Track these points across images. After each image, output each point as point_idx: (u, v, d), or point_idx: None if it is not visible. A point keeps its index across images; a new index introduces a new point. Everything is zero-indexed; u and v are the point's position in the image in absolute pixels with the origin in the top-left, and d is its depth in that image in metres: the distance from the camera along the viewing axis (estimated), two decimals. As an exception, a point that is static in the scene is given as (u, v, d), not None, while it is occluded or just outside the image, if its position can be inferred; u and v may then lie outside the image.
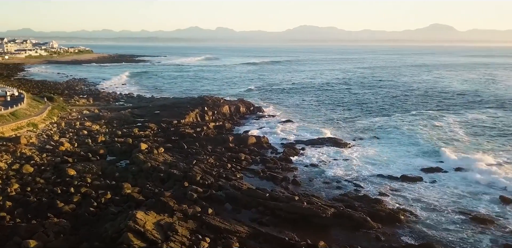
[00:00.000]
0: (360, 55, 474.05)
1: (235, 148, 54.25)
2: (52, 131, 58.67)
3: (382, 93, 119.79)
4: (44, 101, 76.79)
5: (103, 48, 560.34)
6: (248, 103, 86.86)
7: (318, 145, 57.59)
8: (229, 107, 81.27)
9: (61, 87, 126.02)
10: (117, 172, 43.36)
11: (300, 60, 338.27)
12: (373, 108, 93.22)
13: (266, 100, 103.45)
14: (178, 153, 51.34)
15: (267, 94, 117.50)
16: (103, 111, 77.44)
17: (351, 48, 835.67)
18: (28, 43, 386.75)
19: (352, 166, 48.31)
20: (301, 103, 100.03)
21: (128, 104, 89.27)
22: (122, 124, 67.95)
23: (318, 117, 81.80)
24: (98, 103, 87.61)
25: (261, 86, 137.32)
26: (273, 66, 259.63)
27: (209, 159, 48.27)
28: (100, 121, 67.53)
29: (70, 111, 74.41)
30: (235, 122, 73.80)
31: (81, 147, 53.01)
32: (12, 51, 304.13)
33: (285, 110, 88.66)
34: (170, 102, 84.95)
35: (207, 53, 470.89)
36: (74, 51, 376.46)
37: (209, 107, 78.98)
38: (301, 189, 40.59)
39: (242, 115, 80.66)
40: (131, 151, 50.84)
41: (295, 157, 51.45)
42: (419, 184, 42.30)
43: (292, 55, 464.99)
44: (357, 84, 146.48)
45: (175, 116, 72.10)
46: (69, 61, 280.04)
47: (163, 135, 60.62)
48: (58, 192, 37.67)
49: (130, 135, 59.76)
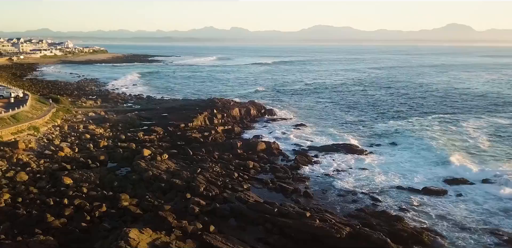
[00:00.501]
0: (375, 55, 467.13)
1: (243, 154, 51.06)
2: (54, 135, 56.28)
3: (398, 95, 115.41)
4: (49, 103, 74.70)
5: (119, 48, 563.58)
6: (259, 106, 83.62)
7: (332, 151, 54.04)
8: (239, 110, 78.11)
9: (71, 87, 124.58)
10: (116, 181, 40.53)
11: (315, 60, 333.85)
12: (389, 111, 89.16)
13: (278, 102, 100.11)
14: (182, 159, 48.37)
15: (279, 95, 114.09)
16: (109, 113, 75.03)
17: (367, 48, 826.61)
18: (43, 43, 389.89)
19: (369, 176, 44.67)
20: (314, 105, 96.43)
21: (136, 106, 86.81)
22: (128, 127, 65.34)
23: (332, 120, 78.15)
24: (105, 105, 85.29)
25: (273, 87, 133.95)
26: (287, 66, 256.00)
27: (215, 167, 45.17)
28: (105, 125, 65.04)
29: (75, 114, 72.13)
30: (245, 126, 70.63)
31: (82, 152, 50.45)
32: (28, 51, 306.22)
33: (298, 113, 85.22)
34: (179, 105, 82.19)
35: (220, 53, 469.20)
36: (88, 51, 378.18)
37: (219, 110, 75.95)
38: (313, 202, 37.18)
39: (252, 118, 77.45)
40: (133, 157, 48.11)
41: (308, 166, 47.99)
42: (444, 198, 38.52)
43: (307, 55, 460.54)
44: (373, 85, 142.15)
45: (183, 119, 69.28)
46: (83, 61, 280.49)
47: (169, 140, 57.78)
48: (51, 204, 34.99)
49: (135, 139, 57.06)
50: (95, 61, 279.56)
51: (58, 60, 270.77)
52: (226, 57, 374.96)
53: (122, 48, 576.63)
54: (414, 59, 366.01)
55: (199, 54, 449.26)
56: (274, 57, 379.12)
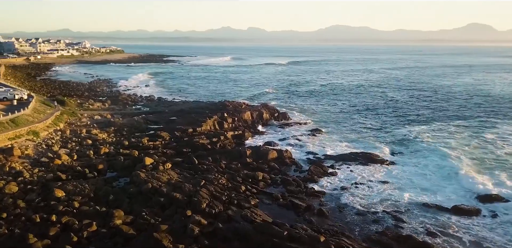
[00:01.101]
0: (394, 55, 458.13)
1: (252, 163, 47.16)
2: (54, 140, 53.27)
3: (419, 98, 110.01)
4: (54, 106, 71.99)
5: (136, 48, 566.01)
6: (273, 109, 79.53)
7: (350, 161, 49.72)
8: (251, 113, 74.23)
9: (83, 88, 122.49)
10: (112, 194, 37.03)
11: (331, 61, 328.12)
12: (410, 115, 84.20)
13: (293, 105, 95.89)
14: (187, 169, 44.69)
15: (294, 98, 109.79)
16: (116, 116, 72.00)
17: (385, 49, 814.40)
18: (61, 43, 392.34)
19: (391, 191, 40.26)
20: (331, 108, 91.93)
21: (145, 109, 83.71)
22: (133, 131, 62.10)
23: (349, 125, 73.61)
24: (113, 107, 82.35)
25: (288, 89, 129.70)
26: (303, 66, 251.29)
27: (221, 178, 41.33)
28: (109, 129, 61.87)
29: (80, 117, 69.26)
30: (257, 131, 66.71)
31: (81, 159, 47.26)
32: (45, 51, 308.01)
33: (313, 117, 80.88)
34: (188, 107, 78.72)
35: (236, 54, 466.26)
36: (105, 51, 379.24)
37: (229, 113, 72.17)
38: (329, 223, 33.03)
39: (265, 122, 73.48)
40: (134, 166, 44.69)
41: (323, 178, 43.78)
42: (477, 219, 33.95)
43: (323, 55, 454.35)
44: (392, 87, 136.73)
45: (192, 123, 65.76)
46: (99, 61, 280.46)
47: (175, 146, 54.23)
48: (37, 221, 31.67)
49: (138, 145, 53.69)
50: (111, 61, 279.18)
51: (74, 60, 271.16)
52: (241, 58, 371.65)
53: (140, 48, 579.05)
54: (434, 59, 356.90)
55: (215, 54, 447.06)
56: (290, 57, 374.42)
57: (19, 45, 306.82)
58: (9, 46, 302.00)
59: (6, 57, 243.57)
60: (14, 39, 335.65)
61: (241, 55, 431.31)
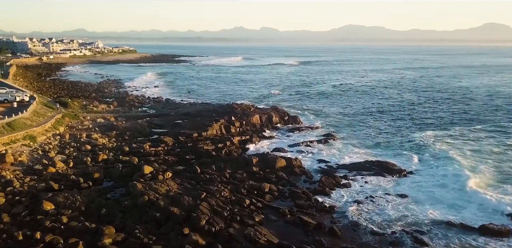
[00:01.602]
0: (409, 55, 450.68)
1: (259, 173, 43.88)
2: (51, 146, 50.70)
3: (437, 100, 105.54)
4: (56, 108, 69.67)
5: (149, 48, 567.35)
6: (282, 112, 76.09)
7: (365, 170, 46.08)
8: (260, 116, 70.94)
9: (91, 89, 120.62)
10: (105, 208, 34.08)
11: (345, 61, 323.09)
12: (428, 119, 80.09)
13: (304, 107, 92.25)
14: (188, 179, 41.58)
15: (305, 100, 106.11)
16: (120, 119, 69.41)
17: (400, 49, 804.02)
18: (74, 43, 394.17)
19: (410, 206, 36.56)
20: (344, 111, 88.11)
21: (151, 111, 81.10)
22: (136, 136, 59.31)
23: (364, 130, 69.76)
24: (118, 109, 79.75)
25: (300, 90, 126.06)
26: (316, 67, 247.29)
27: (224, 190, 38.10)
28: (111, 133, 59.18)
29: (83, 120, 66.78)
30: (265, 136, 63.37)
31: (77, 167, 44.52)
32: (58, 51, 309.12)
33: (325, 121, 77.25)
34: (195, 110, 75.73)
35: (248, 54, 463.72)
36: (118, 51, 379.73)
37: (237, 117, 69.02)
38: (341, 244, 29.58)
39: (274, 126, 70.12)
40: (133, 175, 41.78)
41: (335, 189, 40.27)
42: (509, 242, 30.19)
43: (337, 55, 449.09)
44: (408, 88, 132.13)
45: (197, 127, 62.74)
46: (111, 61, 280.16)
47: (177, 153, 51.28)
48: (19, 238, 28.86)
49: (139, 152, 50.83)
50: (123, 61, 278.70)
51: (86, 60, 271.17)
52: (253, 58, 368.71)
53: (152, 48, 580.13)
54: (450, 60, 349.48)
55: (227, 54, 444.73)
56: (302, 58, 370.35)
57: (32, 45, 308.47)
58: (23, 46, 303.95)
59: (20, 57, 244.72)
60: (27, 39, 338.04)
61: (253, 55, 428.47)
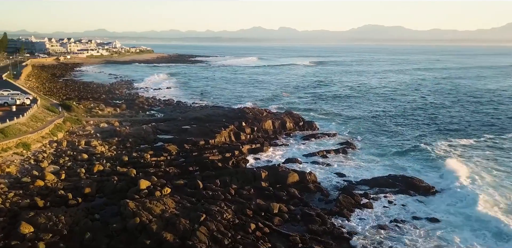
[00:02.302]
0: (430, 56, 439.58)
1: (268, 189, 39.13)
2: (45, 154, 46.94)
3: (462, 104, 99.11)
4: (58, 112, 66.22)
5: (166, 48, 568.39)
6: (297, 117, 71.10)
7: (388, 187, 40.89)
8: (272, 122, 66.18)
9: (101, 90, 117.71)
10: (90, 231, 29.85)
11: (364, 61, 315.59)
12: (455, 125, 74.19)
13: (321, 112, 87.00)
14: (189, 195, 37.14)
15: (322, 103, 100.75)
16: (124, 124, 65.56)
17: (420, 49, 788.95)
18: (92, 43, 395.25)
19: (443, 234, 31.35)
20: (364, 116, 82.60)
21: (159, 115, 77.24)
22: (139, 143, 55.29)
23: (385, 137, 64.21)
24: (124, 113, 75.96)
25: (316, 93, 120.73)
26: (334, 67, 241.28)
27: (228, 210, 33.49)
28: (113, 140, 55.27)
29: (85, 125, 63.10)
30: (278, 143, 58.55)
31: (69, 179, 40.56)
32: (75, 51, 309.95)
33: (343, 126, 72.00)
34: (205, 114, 71.36)
35: (266, 54, 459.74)
36: (135, 51, 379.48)
37: (248, 122, 64.39)
38: (362, 285, 24.71)
39: (288, 132, 65.24)
40: (128, 190, 37.59)
41: (354, 211, 35.23)
42: None
43: (355, 55, 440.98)
44: (431, 91, 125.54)
45: (205, 134, 58.38)
46: (128, 61, 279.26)
47: (181, 163, 46.97)
48: (-16, 271, 24.86)
49: (139, 162, 46.69)
50: (139, 61, 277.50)
51: (103, 60, 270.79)
52: (270, 58, 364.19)
53: (170, 48, 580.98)
54: (473, 60, 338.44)
55: (244, 54, 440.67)
56: (320, 58, 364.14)
57: (50, 45, 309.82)
58: (41, 46, 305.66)
59: (37, 57, 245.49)
60: (46, 39, 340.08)
61: (270, 55, 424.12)
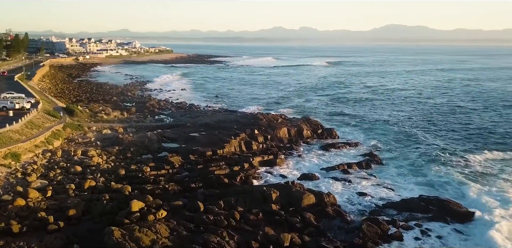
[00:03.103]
0: (455, 56, 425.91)
1: (279, 213, 33.73)
2: (35, 166, 42.67)
3: (496, 109, 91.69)
4: (60, 117, 62.21)
5: (186, 48, 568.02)
6: (315, 124, 65.34)
7: (420, 211, 34.96)
8: (288, 130, 60.69)
9: (114, 91, 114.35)
10: (63, 268, 25.14)
11: (387, 62, 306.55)
12: (489, 134, 67.33)
13: (342, 117, 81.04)
14: (187, 219, 32.05)
15: (343, 107, 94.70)
16: (129, 130, 61.15)
17: (445, 49, 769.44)
18: (112, 43, 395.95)
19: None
20: (388, 122, 76.29)
21: (169, 120, 72.85)
22: (141, 152, 50.68)
23: (413, 148, 57.76)
24: (129, 119, 71.31)
25: (337, 95, 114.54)
26: (355, 68, 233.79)
27: (229, 242, 28.29)
28: (112, 149, 50.77)
29: (86, 131, 58.87)
30: (293, 154, 53.07)
31: (55, 197, 36.03)
32: (94, 51, 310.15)
33: (366, 134, 65.94)
34: (215, 121, 66.29)
35: (286, 54, 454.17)
36: (154, 51, 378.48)
37: (261, 130, 59.09)
38: None
39: (305, 141, 59.67)
40: (118, 212, 32.80)
41: (382, 245, 29.58)
42: None
43: (378, 56, 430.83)
44: (459, 94, 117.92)
45: (213, 143, 53.37)
46: (146, 61, 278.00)
47: (183, 178, 42.00)
48: None
49: (136, 176, 41.97)
50: (157, 62, 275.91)
51: (121, 60, 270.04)
52: (290, 58, 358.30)
53: (190, 48, 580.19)
54: (502, 61, 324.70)
55: (263, 54, 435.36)
56: (341, 58, 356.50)
57: (70, 45, 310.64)
58: (61, 46, 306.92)
59: (57, 57, 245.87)
60: (66, 40, 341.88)
61: (290, 56, 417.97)
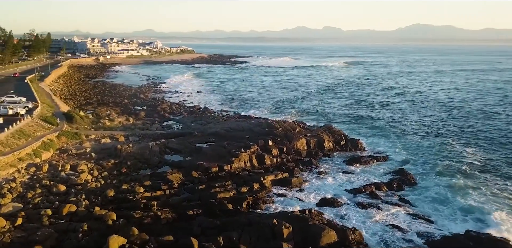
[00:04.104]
0: (485, 57, 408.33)
1: (292, 255, 27.09)
2: (14, 185, 37.18)
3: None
4: (57, 123, 56.91)
5: (208, 48, 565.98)
6: (338, 134, 58.12)
7: (469, 255, 27.78)
8: (306, 141, 53.77)
9: (127, 93, 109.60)
10: None
11: (413, 62, 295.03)
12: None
13: (367, 125, 73.29)
14: (176, 262, 25.78)
15: (368, 112, 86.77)
16: (131, 138, 55.49)
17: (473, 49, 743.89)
18: (134, 43, 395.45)
19: None
20: (418, 131, 68.37)
21: (177, 126, 67.03)
22: (138, 167, 44.79)
23: (450, 165, 49.38)
24: (133, 126, 65.22)
25: (361, 99, 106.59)
26: (381, 69, 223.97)
27: None
28: (107, 162, 45.03)
29: (84, 140, 53.35)
30: (312, 170, 46.14)
31: (25, 226, 30.26)
32: (115, 51, 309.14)
33: (395, 146, 58.26)
34: (226, 129, 59.76)
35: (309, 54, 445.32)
36: (175, 51, 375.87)
37: (276, 141, 52.34)
38: None
39: (326, 153, 52.65)
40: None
41: None
42: None
43: (404, 56, 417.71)
44: (496, 99, 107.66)
45: (220, 157, 47.00)
46: (166, 61, 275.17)
47: (180, 202, 35.75)
48: None
49: (126, 198, 35.92)
50: (177, 62, 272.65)
51: (142, 61, 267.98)
52: (312, 58, 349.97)
53: (211, 48, 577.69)
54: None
55: (285, 54, 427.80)
56: (366, 58, 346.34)
57: (91, 45, 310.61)
58: (82, 46, 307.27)
59: (78, 57, 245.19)
60: (88, 40, 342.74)
61: (312, 55, 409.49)
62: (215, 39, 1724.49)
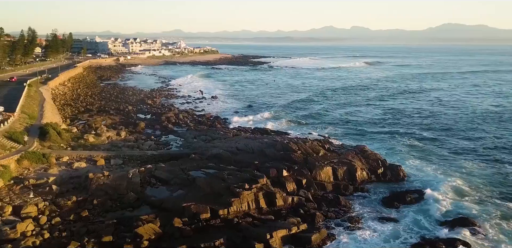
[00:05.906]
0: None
1: None
2: None
3: None
4: (24, 142, 46.54)
5: (235, 48, 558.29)
6: (374, 159, 45.23)
7: None
8: (333, 169, 41.44)
9: (134, 99, 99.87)
10: None
11: (448, 64, 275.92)
12: None
13: (407, 143, 59.18)
14: None
15: (406, 124, 73.33)
16: (113, 162, 44.60)
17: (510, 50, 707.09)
18: (157, 43, 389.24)
19: None
20: (474, 152, 55.20)
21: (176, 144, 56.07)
22: (108, 207, 33.81)
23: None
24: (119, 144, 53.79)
25: (395, 107, 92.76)
26: (413, 71, 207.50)
27: None
28: (68, 200, 34.16)
29: (51, 164, 42.73)
30: (340, 215, 33.92)
31: None
32: (136, 51, 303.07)
33: (446, 176, 44.89)
34: (232, 149, 48.00)
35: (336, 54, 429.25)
36: (199, 51, 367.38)
37: (293, 169, 40.29)
38: None
39: (359, 186, 40.28)
40: None
41: None
42: None
43: (436, 56, 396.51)
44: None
45: (216, 195, 35.28)
46: (188, 62, 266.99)
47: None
48: None
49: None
50: (199, 63, 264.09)
51: (162, 61, 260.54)
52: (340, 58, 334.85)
53: (238, 48, 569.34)
54: None
55: (312, 54, 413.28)
56: (397, 58, 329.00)
57: (112, 45, 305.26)
58: (104, 47, 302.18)
59: (98, 57, 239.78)
60: (112, 39, 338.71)
61: (340, 55, 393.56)
62: (242, 39, 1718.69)
